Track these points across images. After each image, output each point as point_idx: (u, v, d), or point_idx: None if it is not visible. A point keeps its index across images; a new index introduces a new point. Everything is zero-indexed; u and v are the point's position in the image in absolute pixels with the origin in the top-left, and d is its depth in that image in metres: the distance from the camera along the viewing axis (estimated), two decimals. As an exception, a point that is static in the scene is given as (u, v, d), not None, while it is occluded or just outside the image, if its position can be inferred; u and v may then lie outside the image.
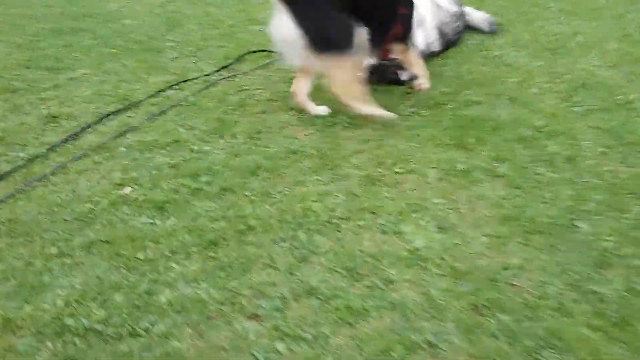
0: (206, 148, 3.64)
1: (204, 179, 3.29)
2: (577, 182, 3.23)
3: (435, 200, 3.07)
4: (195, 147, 3.64)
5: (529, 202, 3.05)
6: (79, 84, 4.68)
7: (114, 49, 5.40)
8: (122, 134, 3.82)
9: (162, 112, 4.11)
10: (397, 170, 3.38)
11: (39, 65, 5.04)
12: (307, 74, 4.03)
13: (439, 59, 5.08)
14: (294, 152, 3.56)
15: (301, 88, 4.06)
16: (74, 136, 3.79)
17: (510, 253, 2.69)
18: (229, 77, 4.83)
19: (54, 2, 7.30)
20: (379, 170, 3.37)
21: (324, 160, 3.46)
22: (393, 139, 3.72)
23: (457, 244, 2.73)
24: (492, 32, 5.87)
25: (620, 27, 6.08)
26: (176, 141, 3.71)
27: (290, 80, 4.26)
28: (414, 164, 3.42)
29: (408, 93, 4.35)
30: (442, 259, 2.63)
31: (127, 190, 3.20)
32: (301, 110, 4.09)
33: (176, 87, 4.58)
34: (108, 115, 4.09)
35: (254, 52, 5.26)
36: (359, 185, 3.22)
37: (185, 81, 4.71)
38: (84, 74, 4.87)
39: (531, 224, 2.87)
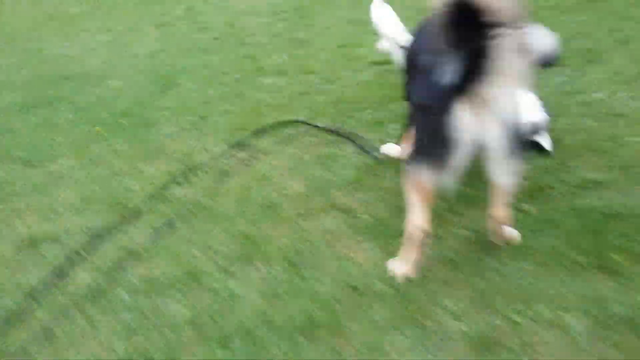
0: (232, 285, 2.94)
1: (236, 344, 2.58)
2: None
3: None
4: (218, 285, 2.94)
5: None
6: (60, 184, 4.01)
7: (98, 127, 4.66)
8: (120, 266, 3.14)
9: (169, 225, 3.39)
10: (516, 318, 2.52)
11: (11, 157, 4.30)
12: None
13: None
14: (356, 289, 2.82)
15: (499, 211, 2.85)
16: (60, 275, 3.09)
17: None
18: (246, 160, 4.11)
19: (23, 61, 6.48)
20: (490, 318, 2.53)
21: (402, 303, 2.70)
22: (493, 259, 2.88)
23: None
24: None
25: None
26: (191, 275, 3.03)
27: (328, 159, 3.82)
28: (541, 304, 2.55)
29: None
30: None
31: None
32: (347, 210, 3.41)
33: (181, 180, 3.81)
34: (98, 233, 3.42)
35: (280, 125, 4.52)
36: (469, 352, 2.42)
37: (191, 170, 3.96)
38: (66, 166, 4.15)
39: None
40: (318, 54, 5.94)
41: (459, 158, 2.41)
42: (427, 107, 2.53)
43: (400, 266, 2.84)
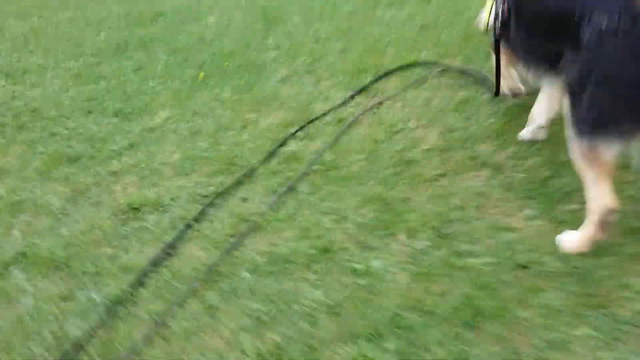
0: (375, 264, 2.46)
1: (388, 340, 2.11)
2: None
3: None
4: (358, 266, 2.46)
5: None
6: (162, 140, 3.63)
7: (200, 71, 4.10)
8: (237, 239, 2.69)
9: (291, 189, 2.95)
10: None
11: (104, 109, 3.88)
12: None
13: None
14: (525, 268, 2.33)
15: None
16: (168, 252, 2.67)
17: None
18: (371, 107, 3.62)
19: (113, -1, 6.06)
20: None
21: (583, 284, 2.21)
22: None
23: None
24: None
25: None
26: (324, 250, 2.56)
27: (467, 105, 3.40)
28: None
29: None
30: None
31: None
32: (498, 168, 2.93)
33: (300, 133, 3.34)
34: (210, 200, 3.00)
35: (408, 66, 3.94)
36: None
37: (311, 122, 3.50)
38: (167, 119, 3.71)
39: None
40: None
41: None
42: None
43: (576, 242, 2.37)
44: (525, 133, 3.09)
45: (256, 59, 4.30)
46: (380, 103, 3.62)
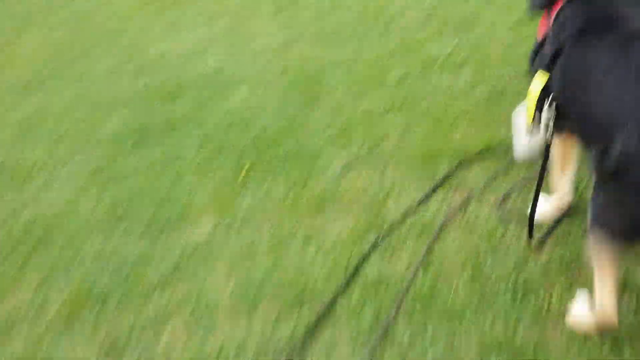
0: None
1: None
2: None
3: None
4: None
5: None
6: (209, 259, 3.15)
7: (242, 163, 3.55)
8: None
9: (385, 333, 2.53)
10: None
11: (134, 219, 3.48)
12: None
13: None
14: None
15: None
16: None
17: None
18: (459, 207, 3.15)
19: (122, 64, 5.60)
20: None
21: None
22: None
23: None
24: None
25: None
26: None
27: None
28: None
29: None
30: None
31: None
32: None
33: (380, 246, 2.90)
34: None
35: (488, 150, 3.48)
36: None
37: (390, 229, 3.08)
38: (212, 228, 3.33)
39: None
40: (495, 34, 4.68)
41: None
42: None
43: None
44: None
45: (306, 144, 3.77)
46: (468, 200, 3.08)
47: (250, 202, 3.43)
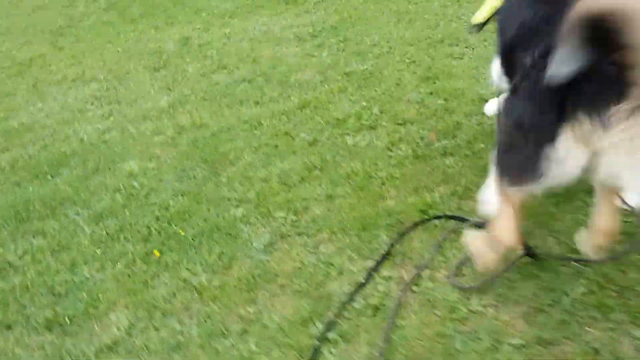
0: None
1: None
2: None
3: None
4: None
5: None
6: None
7: (151, 246, 3.20)
8: None
9: None
10: None
11: (30, 320, 3.08)
12: None
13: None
14: None
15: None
16: None
17: None
18: (408, 284, 2.90)
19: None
20: None
21: None
22: None
23: None
24: None
25: None
26: None
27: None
28: None
29: None
30: None
31: None
32: None
33: (331, 334, 2.68)
34: None
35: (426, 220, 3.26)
36: None
37: (338, 314, 2.78)
38: (127, 327, 3.00)
39: None
40: (398, 91, 4.49)
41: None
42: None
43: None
44: None
45: (219, 221, 3.43)
46: (418, 275, 2.83)
47: (167, 291, 3.03)
